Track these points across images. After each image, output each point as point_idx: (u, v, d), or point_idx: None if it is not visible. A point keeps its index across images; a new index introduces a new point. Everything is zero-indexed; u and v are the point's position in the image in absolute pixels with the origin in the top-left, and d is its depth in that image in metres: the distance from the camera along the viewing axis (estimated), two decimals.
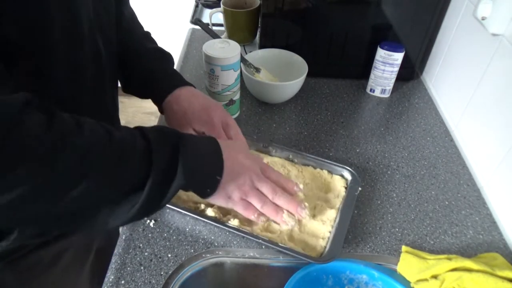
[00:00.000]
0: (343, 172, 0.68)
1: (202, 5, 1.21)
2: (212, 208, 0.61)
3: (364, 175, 0.71)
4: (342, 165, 0.68)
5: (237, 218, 0.59)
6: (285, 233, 0.59)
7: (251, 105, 0.86)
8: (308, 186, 0.66)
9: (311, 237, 0.59)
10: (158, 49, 0.71)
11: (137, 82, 0.69)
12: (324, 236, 0.59)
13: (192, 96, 0.65)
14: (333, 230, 0.59)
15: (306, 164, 0.70)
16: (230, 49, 0.72)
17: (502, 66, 0.67)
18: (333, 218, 0.61)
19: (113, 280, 0.54)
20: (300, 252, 0.55)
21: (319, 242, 0.58)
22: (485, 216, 0.65)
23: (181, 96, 0.65)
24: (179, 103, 0.64)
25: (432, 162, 0.74)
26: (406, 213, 0.65)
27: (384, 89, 0.89)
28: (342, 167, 0.68)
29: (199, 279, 0.57)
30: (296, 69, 0.85)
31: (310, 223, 0.60)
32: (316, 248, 0.57)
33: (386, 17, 0.85)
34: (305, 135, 0.79)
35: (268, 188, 0.55)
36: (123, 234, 0.59)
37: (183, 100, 0.64)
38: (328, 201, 0.64)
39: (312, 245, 0.58)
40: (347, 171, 0.67)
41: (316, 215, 0.61)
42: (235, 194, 0.52)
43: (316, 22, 0.86)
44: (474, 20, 0.75)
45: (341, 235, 0.57)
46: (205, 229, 0.60)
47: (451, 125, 0.82)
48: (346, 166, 0.68)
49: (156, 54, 0.70)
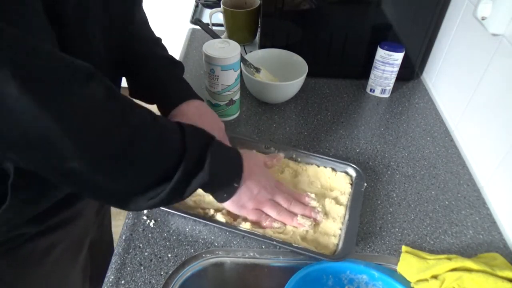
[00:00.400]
0: (347, 169, 0.68)
1: (202, 5, 1.21)
2: (221, 213, 0.61)
3: (367, 171, 0.71)
4: (345, 162, 0.68)
5: (248, 222, 0.59)
6: (298, 234, 0.59)
7: (251, 105, 0.86)
8: (314, 184, 0.67)
9: (323, 236, 0.59)
10: (168, 57, 0.70)
11: (144, 89, 0.68)
12: (335, 234, 0.59)
13: (199, 116, 0.64)
14: (343, 227, 0.59)
15: (310, 162, 0.70)
16: (230, 49, 0.72)
17: (502, 66, 0.67)
18: (342, 215, 0.61)
19: (113, 280, 0.54)
20: (315, 251, 0.56)
21: (331, 240, 0.58)
22: (485, 216, 0.65)
23: (188, 114, 0.64)
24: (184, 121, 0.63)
25: (432, 162, 0.74)
26: (406, 213, 0.65)
27: (384, 89, 0.89)
28: (346, 163, 0.68)
29: (199, 279, 0.57)
30: (296, 69, 0.85)
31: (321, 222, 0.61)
32: (328, 246, 0.58)
33: (386, 17, 0.85)
34: (305, 135, 0.79)
35: (284, 198, 0.58)
36: (123, 234, 0.59)
37: (189, 119, 0.63)
38: (335, 198, 0.64)
39: (324, 243, 0.58)
40: (351, 168, 0.68)
41: (326, 213, 0.61)
42: (249, 204, 0.56)
43: (316, 22, 0.86)
44: (474, 20, 0.75)
45: (353, 232, 0.58)
46: (205, 229, 0.60)
47: (451, 125, 0.82)
48: (349, 163, 0.68)
49: (165, 62, 0.69)
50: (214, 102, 0.78)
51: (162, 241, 0.58)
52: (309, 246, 0.57)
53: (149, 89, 0.68)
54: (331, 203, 0.62)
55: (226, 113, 0.80)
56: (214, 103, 0.78)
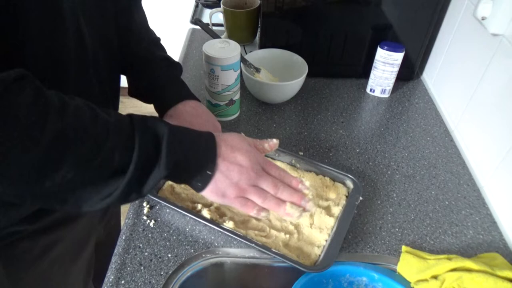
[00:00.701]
0: (346, 180, 0.67)
1: (202, 5, 1.21)
2: (208, 209, 0.61)
3: (365, 182, 0.71)
4: (345, 173, 0.67)
5: (232, 221, 0.59)
6: (281, 239, 0.58)
7: (251, 105, 0.86)
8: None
9: (307, 245, 0.58)
10: (166, 58, 0.70)
11: (141, 89, 0.68)
12: (320, 244, 0.58)
13: (195, 116, 0.64)
14: (329, 238, 0.58)
15: (309, 170, 0.69)
16: (230, 49, 0.72)
17: (502, 66, 0.67)
18: (331, 227, 0.60)
19: (113, 280, 0.54)
20: (293, 259, 0.55)
21: (314, 250, 0.57)
22: (485, 216, 0.65)
23: (184, 114, 0.64)
24: (180, 122, 0.62)
25: (432, 162, 0.74)
26: (406, 213, 0.65)
27: (384, 89, 0.89)
28: (345, 175, 0.66)
29: (199, 279, 0.57)
30: (296, 69, 0.85)
31: (307, 230, 0.60)
32: (310, 256, 0.57)
33: (386, 17, 0.85)
34: (305, 135, 0.79)
35: (269, 183, 0.51)
36: (123, 234, 0.59)
37: (185, 120, 0.63)
38: (327, 208, 0.63)
39: (307, 252, 0.57)
40: (350, 180, 0.66)
41: (314, 223, 0.61)
42: (230, 191, 0.50)
43: (316, 22, 0.86)
44: (474, 20, 0.75)
45: (336, 244, 0.56)
46: (205, 229, 0.60)
47: (451, 125, 0.82)
48: (348, 174, 0.66)
49: (163, 63, 0.69)
50: (214, 102, 0.78)
51: (162, 241, 0.58)
52: (289, 254, 0.56)
53: (146, 90, 0.68)
54: (322, 213, 0.61)
55: (226, 113, 0.80)
56: (214, 103, 0.78)
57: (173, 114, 0.64)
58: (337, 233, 0.58)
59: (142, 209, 0.63)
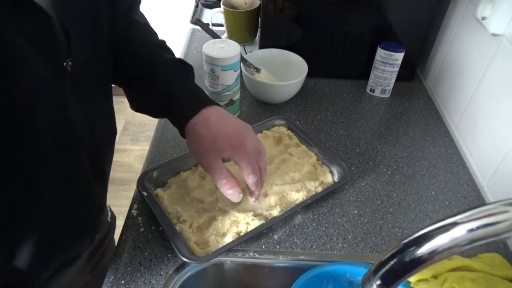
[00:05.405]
0: (333, 166, 0.69)
1: (202, 5, 1.21)
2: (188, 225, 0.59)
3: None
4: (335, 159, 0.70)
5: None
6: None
7: (251, 105, 0.86)
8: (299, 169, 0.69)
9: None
10: (179, 61, 0.62)
11: (151, 99, 0.60)
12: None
13: (222, 119, 0.57)
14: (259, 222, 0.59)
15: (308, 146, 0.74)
16: (230, 49, 0.72)
17: (502, 66, 0.67)
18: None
19: (113, 280, 0.54)
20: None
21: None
22: None
23: (210, 119, 0.56)
24: (208, 127, 0.56)
25: (432, 162, 0.74)
26: (406, 213, 0.65)
27: (384, 89, 0.89)
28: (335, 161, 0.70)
29: (199, 279, 0.57)
30: (296, 69, 0.85)
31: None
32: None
33: (386, 17, 0.85)
34: None
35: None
36: (123, 234, 0.59)
37: (213, 124, 0.56)
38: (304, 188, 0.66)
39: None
40: (336, 170, 0.69)
41: (271, 194, 0.64)
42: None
43: (316, 22, 0.87)
44: (474, 20, 0.75)
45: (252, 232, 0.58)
46: None
47: (451, 125, 0.82)
48: (340, 161, 0.69)
49: (177, 67, 0.61)
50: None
51: (162, 241, 0.58)
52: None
53: (158, 100, 0.60)
54: (291, 190, 0.65)
55: None
56: None
57: (197, 123, 0.56)
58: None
59: (142, 209, 0.63)
